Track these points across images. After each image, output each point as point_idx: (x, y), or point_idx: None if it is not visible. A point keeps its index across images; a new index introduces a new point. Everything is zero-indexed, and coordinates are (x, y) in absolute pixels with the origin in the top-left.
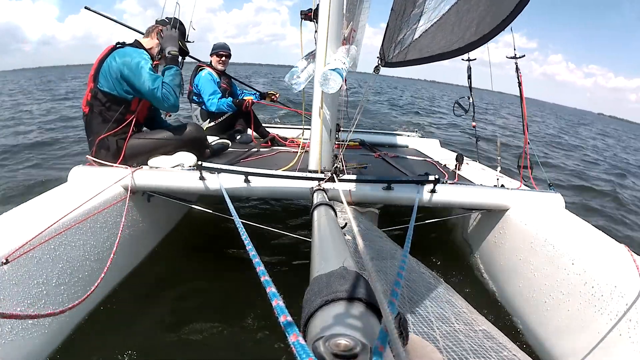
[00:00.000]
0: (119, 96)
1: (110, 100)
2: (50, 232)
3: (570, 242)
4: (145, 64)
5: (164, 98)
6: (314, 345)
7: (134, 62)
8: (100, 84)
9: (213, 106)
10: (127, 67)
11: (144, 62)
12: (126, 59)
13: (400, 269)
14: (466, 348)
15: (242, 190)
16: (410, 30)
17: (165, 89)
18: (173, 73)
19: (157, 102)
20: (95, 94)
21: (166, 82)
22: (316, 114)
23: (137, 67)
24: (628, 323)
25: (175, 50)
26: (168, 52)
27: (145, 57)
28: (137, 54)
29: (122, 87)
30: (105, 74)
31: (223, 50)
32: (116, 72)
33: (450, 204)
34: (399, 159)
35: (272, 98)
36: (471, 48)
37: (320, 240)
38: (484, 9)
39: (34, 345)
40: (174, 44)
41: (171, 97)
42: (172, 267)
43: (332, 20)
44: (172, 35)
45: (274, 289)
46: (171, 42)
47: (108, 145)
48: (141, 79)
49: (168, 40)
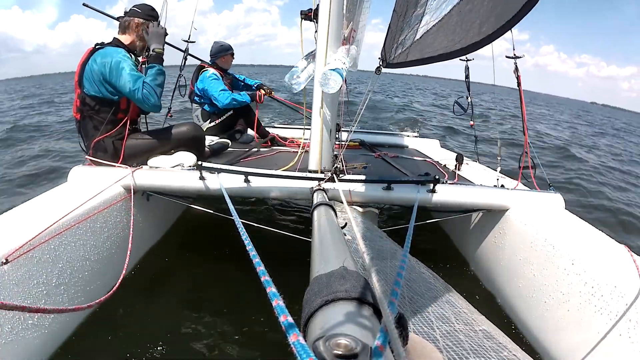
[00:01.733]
0: (106, 98)
1: (99, 103)
2: (50, 232)
3: (570, 242)
4: (125, 64)
5: (144, 99)
6: (314, 345)
7: (114, 63)
8: (86, 89)
9: (227, 99)
10: (108, 68)
11: (123, 62)
12: (106, 60)
13: (400, 268)
14: (466, 348)
15: (242, 190)
16: (412, 31)
17: (146, 89)
18: (155, 72)
19: (139, 103)
20: (83, 99)
21: (147, 82)
22: (316, 114)
23: (117, 68)
24: (628, 323)
25: (160, 48)
26: (152, 50)
27: (125, 56)
28: (116, 54)
29: (107, 88)
30: (89, 78)
31: (232, 50)
32: (98, 74)
33: (450, 204)
34: (399, 159)
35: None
36: (474, 48)
37: (320, 240)
38: (488, 10)
39: (35, 345)
40: (159, 41)
41: (152, 98)
42: (171, 267)
43: (332, 20)
44: (159, 32)
45: (274, 289)
46: (157, 39)
47: (105, 147)
48: (122, 79)
49: (154, 37)
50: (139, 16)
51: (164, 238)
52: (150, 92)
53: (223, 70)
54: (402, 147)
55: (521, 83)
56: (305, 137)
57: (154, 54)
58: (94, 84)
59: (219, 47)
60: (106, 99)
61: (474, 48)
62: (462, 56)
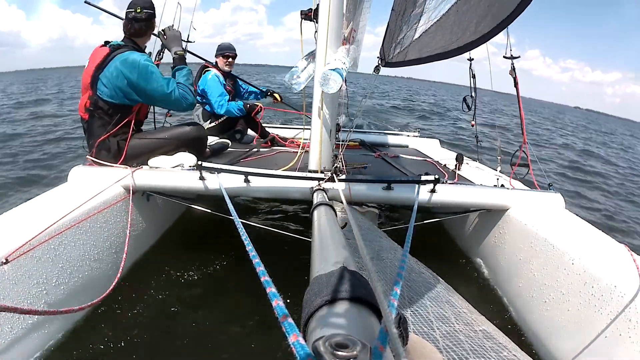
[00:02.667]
0: (121, 104)
1: (112, 107)
2: (50, 232)
3: (570, 242)
4: (154, 68)
5: (182, 98)
6: (314, 345)
7: (142, 67)
8: (100, 91)
9: (222, 108)
10: (136, 73)
11: (151, 66)
12: (134, 65)
13: (400, 269)
14: (466, 348)
15: (242, 190)
16: (410, 30)
17: (182, 89)
18: (186, 73)
19: (174, 104)
20: (96, 102)
21: (181, 83)
22: (316, 114)
23: (147, 72)
24: (628, 323)
25: (181, 51)
26: (175, 53)
27: (150, 60)
28: (142, 58)
29: (128, 95)
30: (107, 82)
31: (229, 52)
32: (121, 79)
33: (450, 204)
34: (399, 159)
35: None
36: (470, 47)
37: (320, 240)
38: (484, 9)
39: (34, 345)
40: (178, 44)
41: (189, 97)
42: (171, 267)
43: (332, 20)
44: (176, 35)
45: (274, 289)
46: (175, 42)
47: (109, 147)
48: (154, 84)
49: (173, 41)
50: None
51: (164, 238)
52: (186, 91)
53: (226, 72)
54: (402, 147)
55: (518, 83)
56: (305, 137)
57: (177, 57)
58: (111, 88)
59: (217, 47)
60: (120, 105)
61: (471, 47)
62: (459, 55)
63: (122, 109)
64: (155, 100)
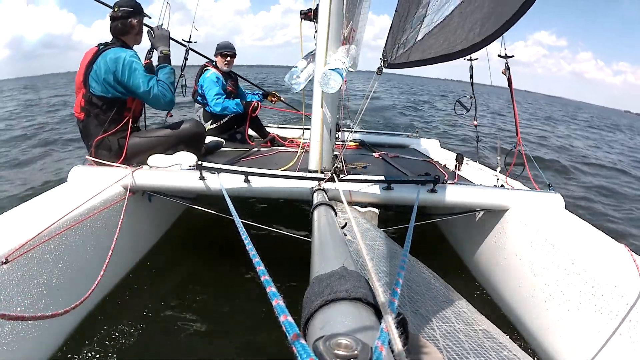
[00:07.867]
0: (113, 97)
1: (106, 102)
2: (50, 232)
3: (570, 242)
4: (137, 65)
5: (161, 95)
6: (314, 345)
7: (126, 63)
8: (93, 88)
9: (218, 106)
10: (120, 68)
11: (135, 62)
12: (117, 61)
13: (400, 268)
14: (466, 348)
15: (242, 190)
16: (413, 32)
17: (162, 87)
18: (167, 71)
19: (153, 101)
20: (90, 99)
21: (162, 80)
22: (316, 114)
23: (130, 68)
24: (628, 323)
25: (167, 50)
26: (161, 52)
27: (135, 57)
28: (126, 54)
29: (116, 88)
30: (96, 78)
31: (227, 50)
32: (107, 74)
33: (450, 204)
34: (399, 159)
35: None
36: (475, 49)
37: (320, 240)
38: (488, 10)
39: (35, 345)
40: (165, 43)
41: (168, 94)
42: (171, 267)
43: (332, 20)
44: (163, 34)
45: (274, 288)
46: (162, 41)
47: (109, 146)
48: (135, 80)
49: (159, 40)
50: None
51: (164, 238)
52: (165, 89)
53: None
54: (402, 147)
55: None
56: (305, 137)
57: (162, 55)
58: (101, 83)
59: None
60: (113, 99)
61: (475, 49)
62: (462, 57)
63: (117, 104)
64: (137, 96)
